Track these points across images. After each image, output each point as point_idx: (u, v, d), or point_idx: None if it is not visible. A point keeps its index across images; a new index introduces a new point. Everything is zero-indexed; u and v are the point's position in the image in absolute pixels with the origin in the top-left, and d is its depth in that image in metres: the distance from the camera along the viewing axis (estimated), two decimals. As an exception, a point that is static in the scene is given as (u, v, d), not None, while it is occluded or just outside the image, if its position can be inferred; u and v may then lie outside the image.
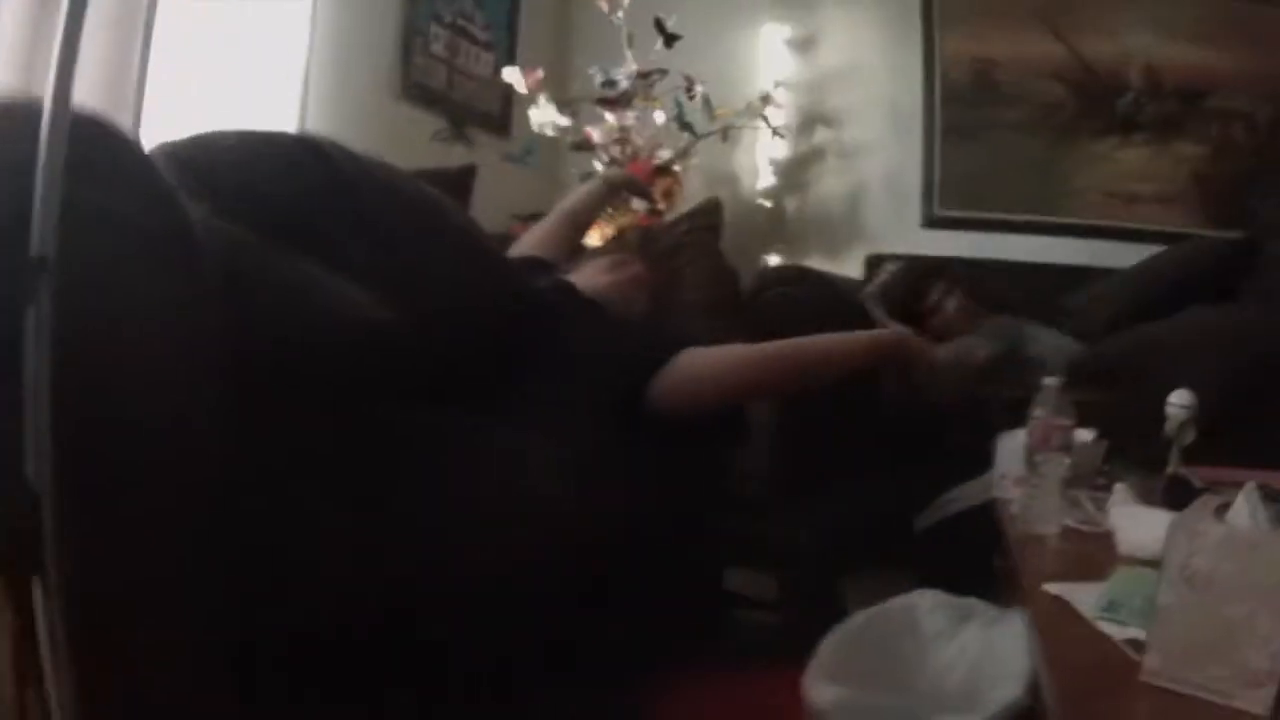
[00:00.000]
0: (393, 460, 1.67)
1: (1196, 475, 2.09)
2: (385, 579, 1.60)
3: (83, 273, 1.05)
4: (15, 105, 1.11)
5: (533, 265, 2.71)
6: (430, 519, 1.70)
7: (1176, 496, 1.94)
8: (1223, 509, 1.25)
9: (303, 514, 1.49)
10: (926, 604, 1.92)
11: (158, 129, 2.95)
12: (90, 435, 1.10)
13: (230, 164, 1.84)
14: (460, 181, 3.39)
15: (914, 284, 3.84)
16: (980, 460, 2.52)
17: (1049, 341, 3.74)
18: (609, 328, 2.43)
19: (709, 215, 3.47)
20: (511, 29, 5.02)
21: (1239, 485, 1.29)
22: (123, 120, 2.74)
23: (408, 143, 4.05)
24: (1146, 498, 2.02)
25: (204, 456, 1.25)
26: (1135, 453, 2.43)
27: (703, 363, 2.37)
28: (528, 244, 2.99)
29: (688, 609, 2.44)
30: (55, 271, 0.98)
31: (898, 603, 1.90)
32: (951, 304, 3.71)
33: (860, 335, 2.65)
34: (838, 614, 2.24)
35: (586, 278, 2.73)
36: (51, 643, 0.97)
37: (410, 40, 4.26)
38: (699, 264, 3.24)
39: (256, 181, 1.83)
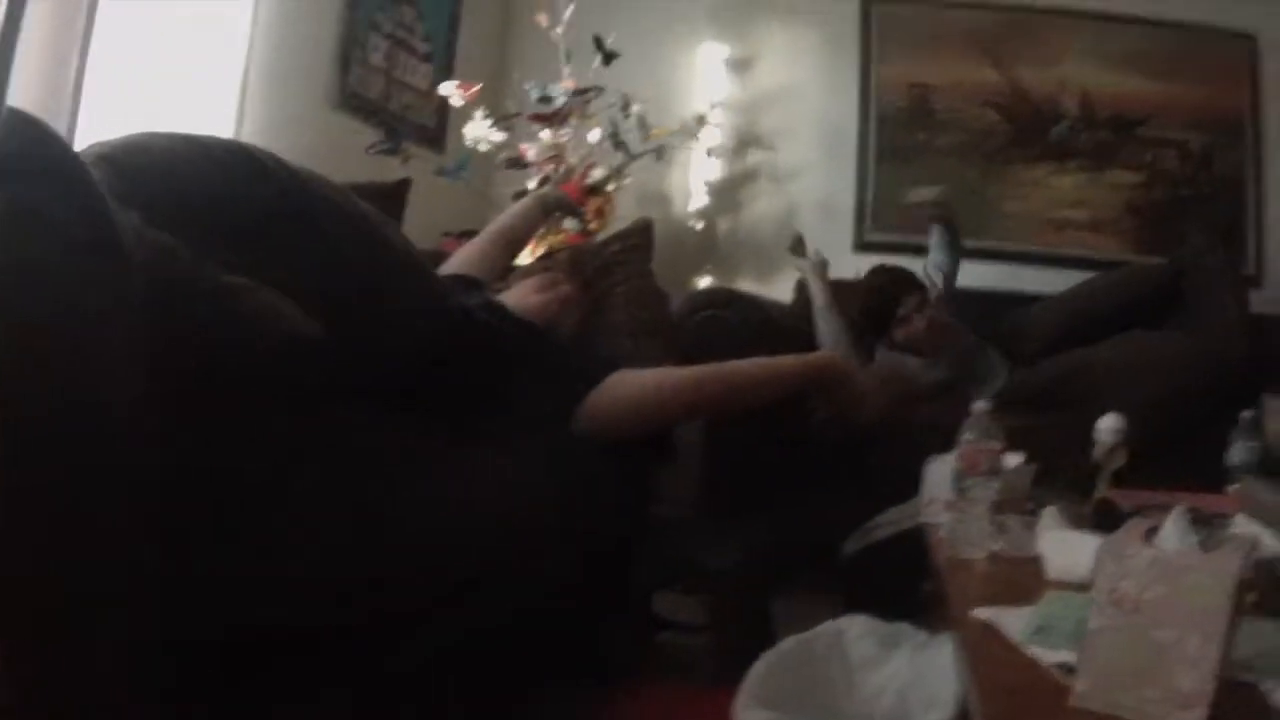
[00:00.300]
0: (318, 471, 1.65)
1: (1125, 499, 2.11)
2: (303, 589, 1.58)
3: (8, 275, 1.03)
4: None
5: (464, 283, 2.70)
6: (358, 531, 1.69)
7: (1105, 520, 1.97)
8: (1152, 533, 1.26)
9: (227, 523, 1.47)
10: (856, 629, 1.92)
11: (94, 132, 2.91)
12: (11, 441, 1.07)
13: (163, 170, 1.81)
14: (395, 195, 3.36)
15: (889, 291, 3.85)
16: (908, 485, 2.54)
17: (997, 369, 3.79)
18: (540, 347, 2.42)
19: (640, 235, 3.46)
20: (450, 42, 4.99)
21: (1168, 509, 1.30)
22: (58, 122, 2.71)
23: (343, 153, 4.00)
24: (1076, 522, 2.03)
25: (129, 462, 1.23)
26: (1065, 477, 2.46)
27: (632, 385, 2.38)
28: (460, 261, 2.98)
29: (617, 630, 2.43)
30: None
31: (827, 627, 1.90)
32: (921, 321, 3.72)
33: (788, 359, 2.66)
34: (767, 638, 2.24)
35: (517, 297, 2.72)
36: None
37: (349, 50, 4.23)
38: (629, 284, 3.22)
39: (189, 189, 1.80)
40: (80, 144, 1.24)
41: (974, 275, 4.46)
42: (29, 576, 1.10)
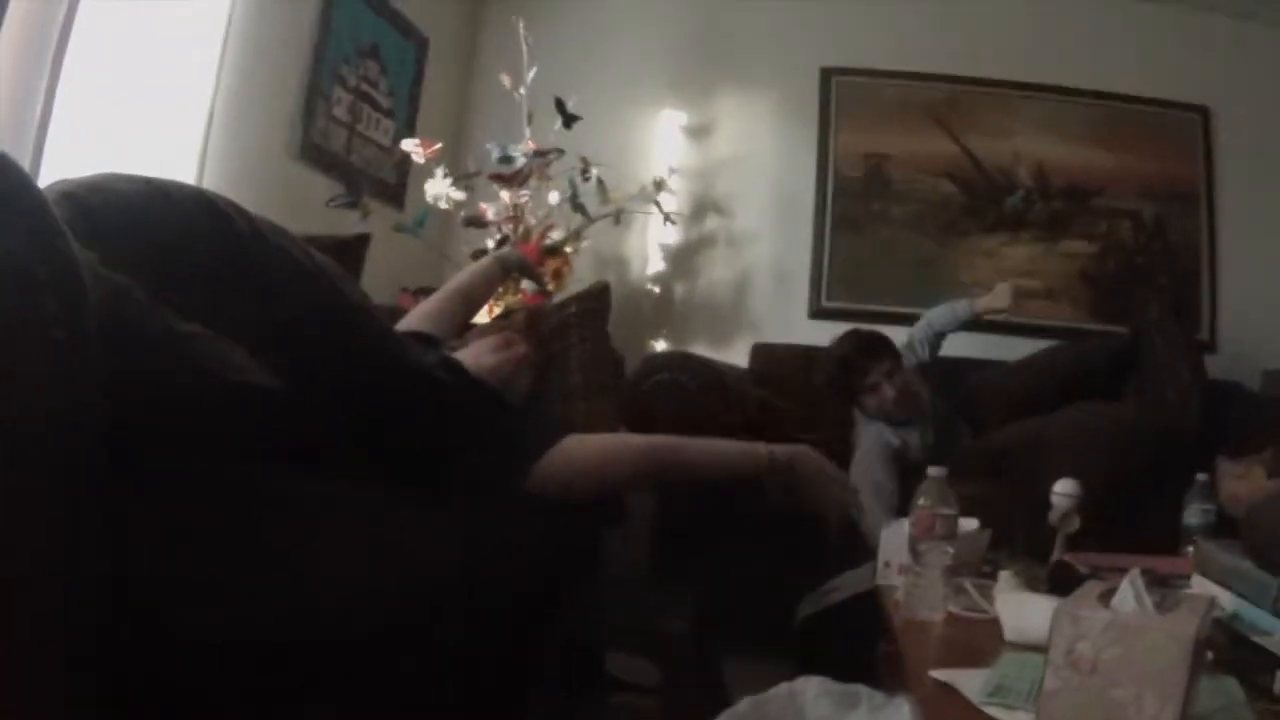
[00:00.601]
0: (265, 524, 1.64)
1: (1081, 562, 2.12)
2: (247, 638, 1.56)
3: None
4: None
5: (421, 340, 2.69)
6: (299, 585, 1.67)
7: (1061, 582, 1.97)
8: (1107, 594, 1.26)
9: (169, 569, 1.45)
10: (812, 690, 1.90)
11: (58, 171, 2.90)
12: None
13: (124, 211, 1.80)
14: (353, 249, 3.35)
15: (856, 362, 3.83)
16: (863, 549, 2.54)
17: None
18: (494, 407, 2.41)
19: (597, 298, 3.46)
20: (414, 98, 5.02)
21: (1124, 571, 1.30)
22: (22, 160, 2.69)
23: (302, 204, 4.01)
24: (1032, 584, 2.04)
25: (79, 501, 1.22)
26: (1021, 541, 2.47)
27: (584, 450, 2.37)
28: (417, 317, 2.97)
29: (568, 691, 2.41)
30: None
31: (783, 689, 1.88)
32: (890, 390, 3.71)
33: (741, 447, 2.61)
34: (721, 700, 2.23)
35: (473, 356, 2.71)
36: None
37: (313, 101, 4.24)
38: (584, 347, 3.22)
39: (149, 233, 1.80)
40: (44, 182, 1.23)
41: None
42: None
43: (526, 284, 4.33)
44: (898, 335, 4.07)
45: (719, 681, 2.61)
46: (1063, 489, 2.45)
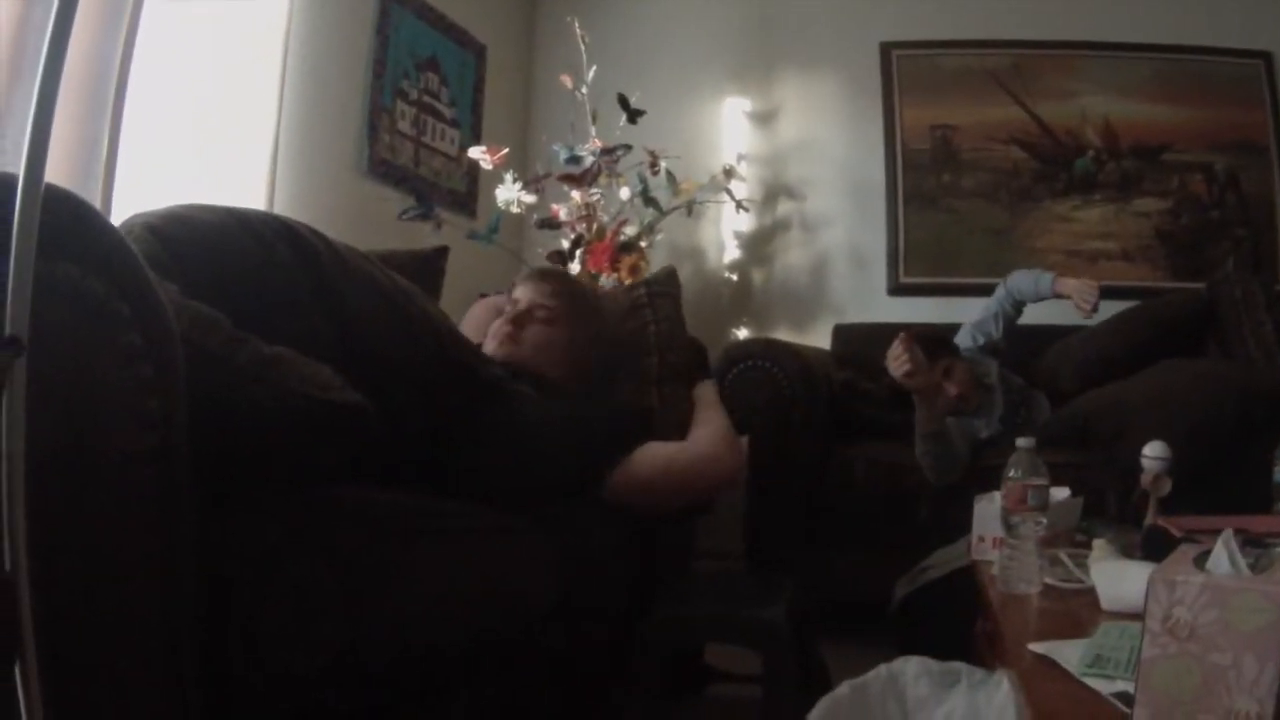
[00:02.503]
0: (359, 541, 1.66)
1: (1175, 525, 2.09)
2: (355, 659, 1.59)
3: (53, 349, 1.05)
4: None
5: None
6: (405, 600, 1.69)
7: (1155, 548, 1.95)
8: (1202, 557, 1.25)
9: (276, 594, 1.48)
10: (911, 670, 1.90)
11: (128, 205, 2.95)
12: (58, 520, 1.09)
13: (207, 241, 1.83)
14: (434, 262, 3.38)
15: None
16: (957, 524, 2.53)
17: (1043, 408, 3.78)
18: (568, 410, 2.40)
19: (666, 281, 3.46)
20: (476, 106, 5.05)
21: (1217, 533, 1.28)
22: (91, 193, 2.75)
23: (374, 219, 4.05)
24: (1127, 551, 2.02)
25: (175, 532, 1.24)
26: (1113, 507, 2.44)
27: (659, 461, 2.37)
28: (471, 326, 2.95)
29: (667, 685, 2.42)
30: (29, 352, 0.97)
31: (882, 671, 1.88)
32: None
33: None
34: (822, 685, 2.23)
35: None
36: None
37: (376, 117, 4.28)
38: (660, 327, 3.22)
39: (231, 261, 1.83)
40: (115, 214, 1.26)
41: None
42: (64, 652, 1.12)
43: (605, 281, 4.35)
44: (976, 307, 4.04)
45: (819, 666, 2.62)
46: (1152, 451, 2.41)
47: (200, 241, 1.82)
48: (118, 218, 1.34)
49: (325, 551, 1.57)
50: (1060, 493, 2.33)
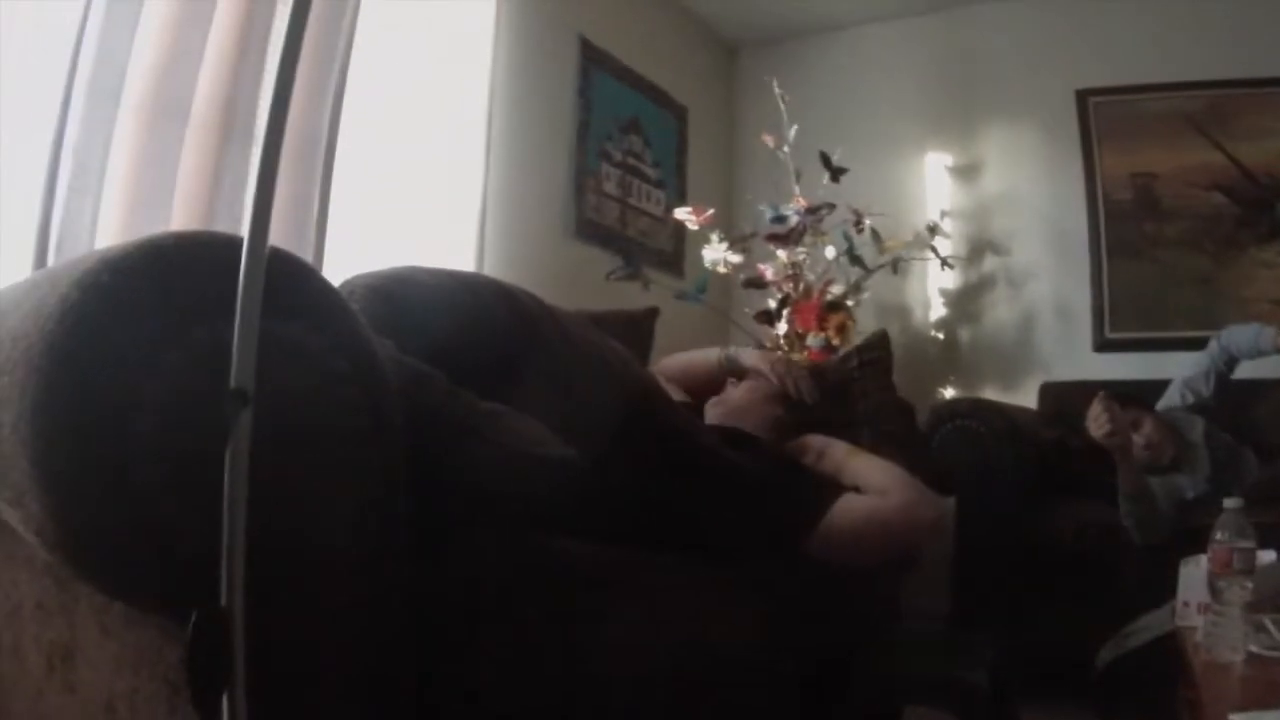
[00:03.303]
0: (571, 595, 1.68)
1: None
2: (566, 707, 1.60)
3: (274, 405, 1.09)
4: (214, 242, 1.17)
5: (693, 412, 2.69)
6: (613, 651, 1.70)
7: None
8: None
9: (491, 643, 1.50)
10: (1118, 740, 1.86)
11: (339, 263, 3.09)
12: (272, 562, 1.13)
13: (427, 301, 1.90)
14: (644, 323, 3.43)
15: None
16: (1163, 588, 2.45)
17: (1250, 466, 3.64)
18: (767, 472, 2.39)
19: (878, 348, 3.45)
20: (680, 167, 5.13)
21: None
22: (304, 253, 2.86)
23: (583, 280, 4.13)
24: (1334, 618, 1.94)
25: (393, 579, 1.29)
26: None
27: (860, 512, 2.32)
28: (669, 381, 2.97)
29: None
30: (253, 404, 1.02)
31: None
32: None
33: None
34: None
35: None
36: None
37: (583, 180, 4.39)
38: (870, 399, 3.20)
39: (452, 322, 1.88)
40: (326, 275, 1.31)
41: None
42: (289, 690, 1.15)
43: (812, 340, 4.34)
44: (1185, 361, 3.92)
45: (1017, 727, 2.56)
46: (1363, 514, 2.32)
47: (420, 301, 1.89)
48: (328, 278, 1.39)
49: (535, 600, 1.60)
50: (1267, 556, 2.24)
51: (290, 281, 1.20)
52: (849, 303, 4.62)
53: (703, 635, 1.97)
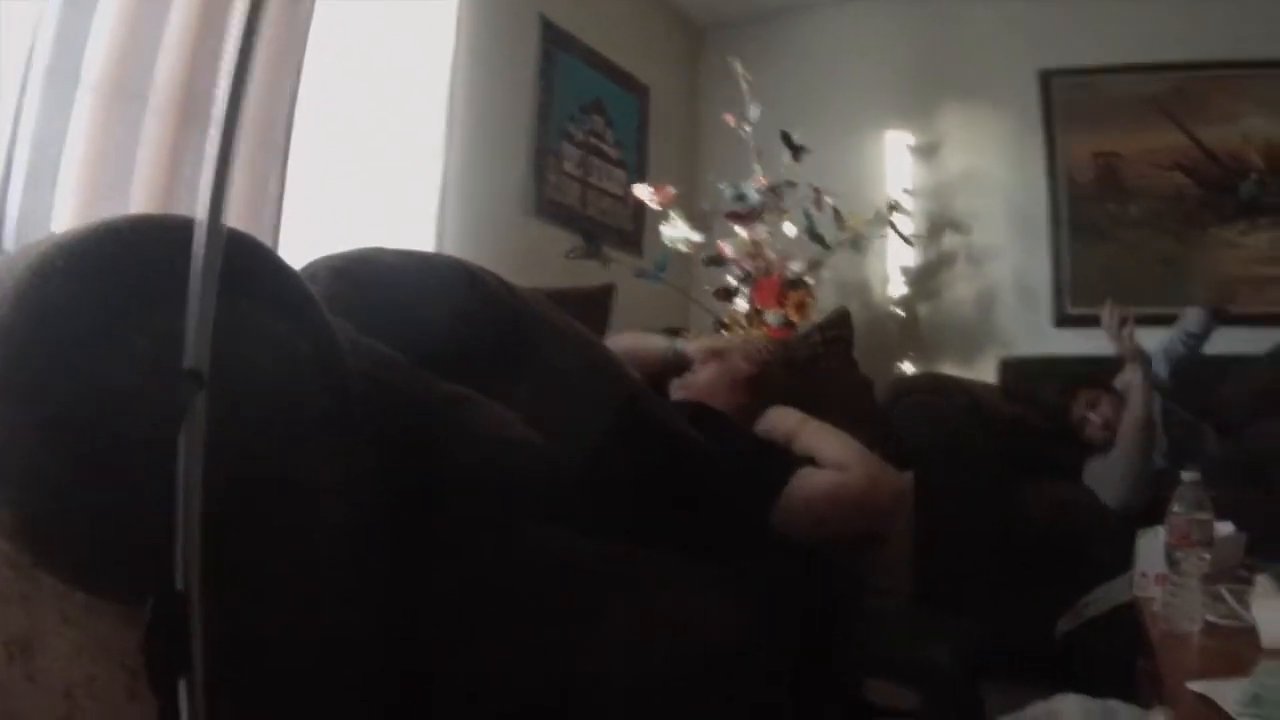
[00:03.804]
0: (551, 585, 1.68)
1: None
2: (548, 700, 1.62)
3: (234, 388, 1.10)
4: (171, 224, 1.16)
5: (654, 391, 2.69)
6: (596, 644, 1.72)
7: (1320, 586, 1.91)
8: (1365, 597, 1.23)
9: (466, 635, 1.52)
10: (1070, 708, 1.89)
11: (298, 243, 3.08)
12: (243, 547, 1.14)
13: (389, 284, 1.90)
14: (601, 300, 3.43)
15: (1054, 403, 3.81)
16: (1126, 563, 2.49)
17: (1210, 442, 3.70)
18: (734, 448, 2.40)
19: (840, 326, 3.48)
20: (641, 147, 5.14)
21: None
22: (262, 234, 2.86)
23: (542, 258, 4.13)
24: (1290, 589, 1.98)
25: (362, 564, 1.29)
26: (1278, 544, 2.38)
27: (823, 485, 2.32)
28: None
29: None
30: (208, 385, 1.02)
31: (1040, 708, 1.87)
32: (1097, 418, 3.66)
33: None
34: (980, 720, 2.22)
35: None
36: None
37: (543, 159, 4.39)
38: (834, 376, 3.23)
39: (415, 302, 1.89)
40: (284, 256, 1.30)
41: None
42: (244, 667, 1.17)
43: (771, 317, 4.37)
44: (1146, 339, 3.96)
45: (978, 703, 2.59)
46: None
47: (382, 283, 1.89)
48: (287, 259, 1.38)
49: (511, 593, 1.60)
50: (1224, 528, 2.28)
51: (249, 263, 1.20)
52: (809, 280, 4.62)
53: (688, 627, 1.99)
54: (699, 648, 1.97)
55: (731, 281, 4.62)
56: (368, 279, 1.87)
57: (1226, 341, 3.93)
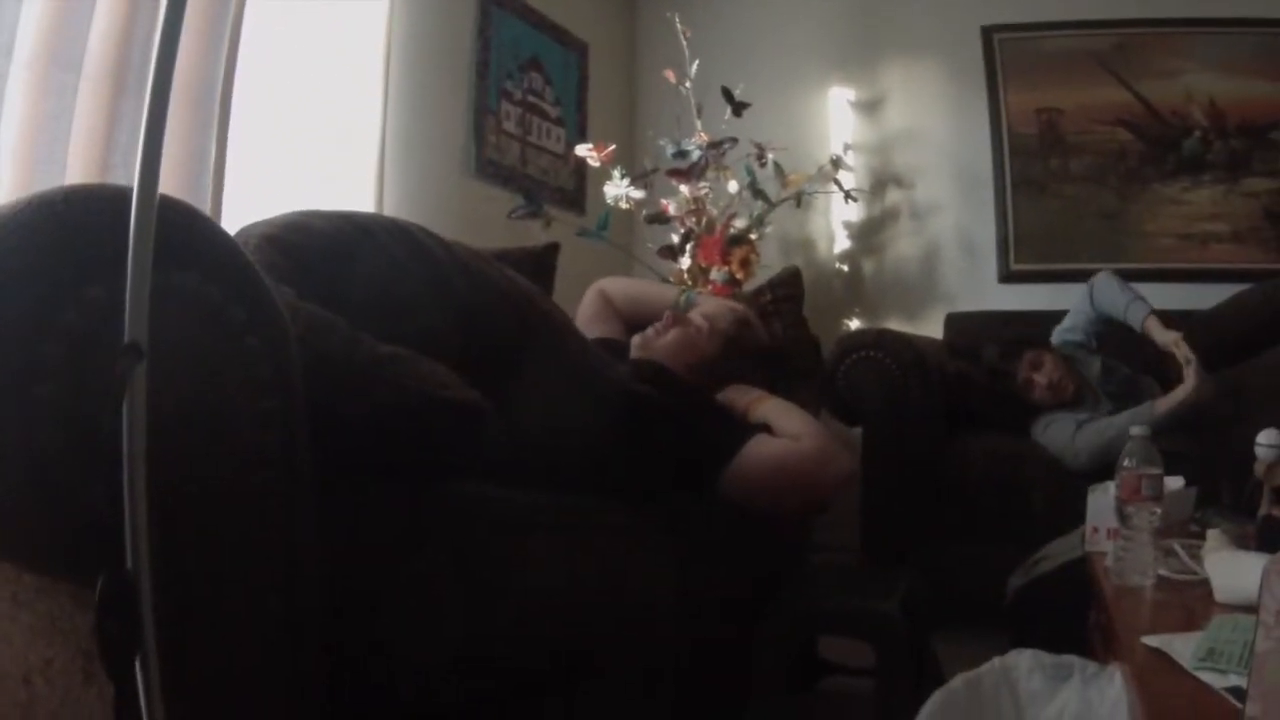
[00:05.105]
0: (479, 537, 1.68)
1: (1291, 515, 2.06)
2: (476, 651, 1.61)
3: (171, 357, 1.07)
4: (105, 194, 1.14)
5: (608, 347, 2.68)
6: (525, 593, 1.71)
7: (1271, 539, 1.91)
8: (1320, 548, 1.23)
9: (399, 588, 1.51)
10: (1024, 664, 1.89)
11: (236, 209, 3.05)
12: (184, 520, 1.12)
13: (326, 247, 1.88)
14: (546, 259, 3.40)
15: (998, 366, 3.82)
16: (1074, 518, 2.50)
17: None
18: (690, 410, 2.40)
19: (790, 284, 3.47)
20: (581, 104, 5.10)
21: (1335, 525, 1.26)
22: (201, 201, 2.82)
23: (484, 219, 4.10)
24: (1241, 542, 1.98)
25: (298, 529, 1.27)
26: (1228, 497, 2.40)
27: (772, 458, 2.32)
28: (587, 320, 2.96)
29: (782, 678, 2.42)
30: (148, 357, 1.00)
31: (995, 664, 1.87)
32: (1042, 379, 3.69)
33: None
34: (935, 678, 2.23)
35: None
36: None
37: (482, 119, 4.34)
38: (787, 335, 3.22)
39: (350, 266, 1.87)
40: (225, 222, 1.28)
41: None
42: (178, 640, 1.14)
43: (715, 275, 4.35)
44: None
45: (932, 659, 2.60)
46: (1267, 439, 2.34)
47: (316, 247, 1.86)
48: (227, 225, 1.35)
49: (445, 546, 1.60)
50: (1174, 482, 2.29)
51: (184, 231, 1.17)
52: (752, 237, 4.61)
53: (619, 575, 1.99)
54: (630, 596, 1.97)
55: (675, 239, 4.59)
56: (301, 244, 1.84)
57: (1166, 298, 3.95)
